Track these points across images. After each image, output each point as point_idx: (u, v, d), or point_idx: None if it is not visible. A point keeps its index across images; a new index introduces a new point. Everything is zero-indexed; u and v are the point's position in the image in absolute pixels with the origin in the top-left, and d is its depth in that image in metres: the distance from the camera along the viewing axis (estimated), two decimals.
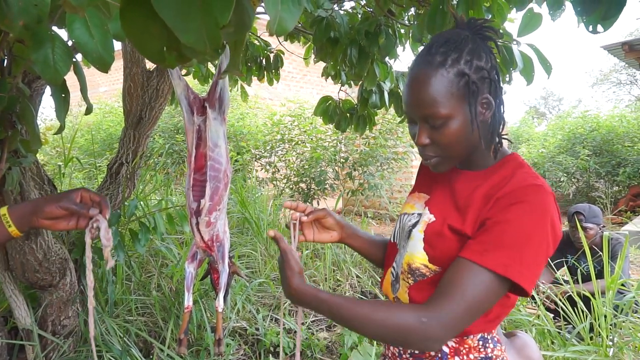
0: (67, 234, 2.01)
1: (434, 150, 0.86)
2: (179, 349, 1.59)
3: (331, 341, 2.72)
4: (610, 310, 2.01)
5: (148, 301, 2.40)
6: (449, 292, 0.77)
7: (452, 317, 0.75)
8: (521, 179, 0.82)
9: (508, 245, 0.76)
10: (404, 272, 0.92)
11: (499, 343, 0.89)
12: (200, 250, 1.66)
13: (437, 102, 0.81)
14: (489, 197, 0.82)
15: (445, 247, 0.85)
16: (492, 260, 0.76)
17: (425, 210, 0.92)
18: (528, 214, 0.77)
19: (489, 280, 0.76)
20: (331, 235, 1.07)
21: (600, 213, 2.68)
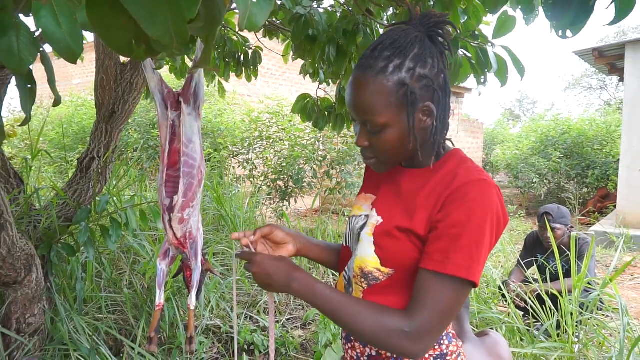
0: (34, 229, 1.95)
1: (371, 153, 0.87)
2: (150, 347, 1.56)
3: (306, 339, 2.72)
4: (577, 308, 2.07)
5: (119, 299, 2.35)
6: (423, 305, 0.79)
7: (428, 329, 0.79)
8: (464, 176, 0.82)
9: (464, 248, 0.78)
10: (357, 276, 0.91)
11: (454, 338, 0.91)
12: (173, 247, 1.63)
13: (375, 110, 0.81)
14: (436, 197, 0.83)
15: (396, 248, 0.86)
16: (454, 268, 0.78)
17: (373, 211, 0.92)
18: (475, 211, 0.78)
19: (455, 286, 0.79)
20: (287, 249, 1.01)
21: (569, 214, 2.76)
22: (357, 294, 0.92)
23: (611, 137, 8.85)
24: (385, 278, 0.87)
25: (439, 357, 0.87)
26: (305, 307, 3.12)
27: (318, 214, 6.23)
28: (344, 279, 0.97)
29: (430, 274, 0.79)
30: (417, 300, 0.80)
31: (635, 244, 5.63)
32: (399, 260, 0.85)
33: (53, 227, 1.94)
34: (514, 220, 7.11)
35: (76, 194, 2.09)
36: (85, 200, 2.11)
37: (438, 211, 0.81)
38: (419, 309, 0.79)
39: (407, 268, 0.85)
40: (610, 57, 7.22)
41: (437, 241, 0.80)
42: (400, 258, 0.85)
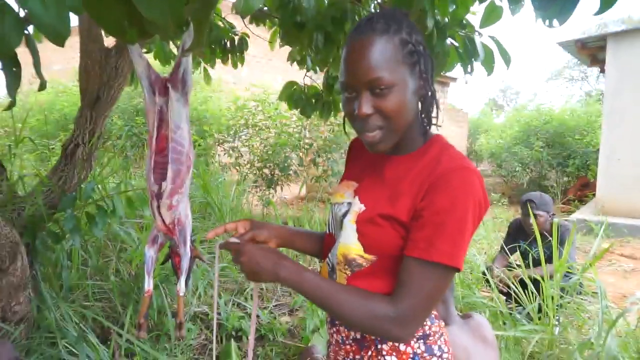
0: (18, 217, 1.92)
1: (377, 121, 0.84)
2: (139, 333, 1.57)
3: (293, 325, 2.75)
4: (557, 292, 2.14)
5: (106, 286, 2.34)
6: (408, 291, 0.81)
7: (413, 315, 0.82)
8: (447, 163, 0.83)
9: (448, 235, 0.80)
10: (340, 263, 0.92)
11: (436, 319, 0.93)
12: (161, 233, 1.63)
13: (383, 67, 0.81)
14: (419, 183, 0.84)
15: (379, 235, 0.87)
16: (439, 255, 0.79)
17: (355, 199, 0.92)
18: (458, 198, 0.80)
19: (440, 272, 0.81)
20: (269, 243, 1.02)
21: (551, 201, 2.82)
22: (340, 280, 0.93)
23: (591, 127, 9.03)
24: (369, 264, 0.88)
25: (421, 338, 0.89)
26: (292, 294, 3.15)
27: (304, 201, 6.24)
28: (328, 266, 0.98)
29: (415, 261, 0.81)
30: (402, 286, 0.82)
31: (613, 231, 5.79)
32: (382, 247, 0.87)
33: (38, 215, 1.91)
34: (497, 208, 7.23)
35: (61, 180, 2.06)
36: (70, 187, 2.08)
37: (421, 198, 0.82)
38: (405, 295, 0.81)
39: (389, 254, 0.87)
40: (592, 49, 7.34)
41: (421, 229, 0.81)
42: (383, 245, 0.87)
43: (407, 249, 0.83)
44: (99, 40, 2.01)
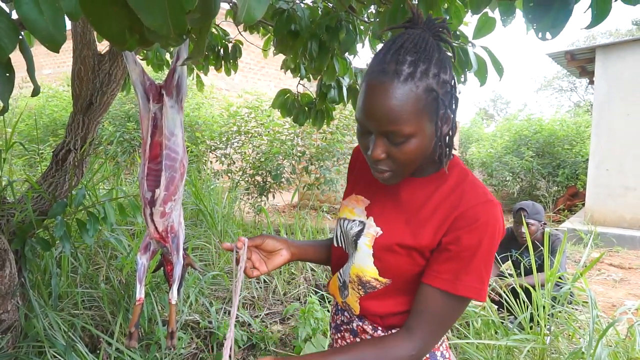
0: (7, 223, 1.89)
1: (389, 165, 0.80)
2: (130, 342, 1.55)
3: (285, 334, 2.73)
4: (549, 301, 2.15)
5: (96, 294, 2.31)
6: (428, 322, 0.82)
7: (431, 344, 0.84)
8: (472, 198, 0.82)
9: (473, 270, 0.80)
10: (353, 282, 0.92)
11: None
12: (154, 241, 1.61)
13: (403, 119, 0.74)
14: (442, 217, 0.82)
15: (396, 262, 0.86)
16: (464, 289, 0.80)
17: (370, 220, 0.91)
18: (485, 235, 0.79)
19: (461, 304, 0.83)
20: (281, 255, 0.99)
21: (542, 210, 2.85)
22: (353, 298, 0.93)
23: (580, 137, 9.15)
24: (382, 287, 0.89)
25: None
26: (284, 302, 3.13)
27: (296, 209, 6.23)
28: (339, 281, 0.98)
29: (438, 292, 0.81)
30: (419, 316, 0.82)
31: (602, 240, 5.85)
32: (398, 272, 0.87)
33: (27, 221, 1.89)
34: None
35: (51, 187, 2.03)
36: (61, 193, 2.06)
37: (446, 232, 0.81)
38: (423, 326, 0.82)
39: (404, 278, 0.87)
40: (582, 60, 7.45)
41: (447, 262, 0.81)
42: (399, 271, 0.87)
43: (429, 278, 0.82)
44: (93, 45, 2.00)
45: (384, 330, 0.92)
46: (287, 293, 3.25)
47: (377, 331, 0.92)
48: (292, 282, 3.39)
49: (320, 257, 1.08)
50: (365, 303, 0.91)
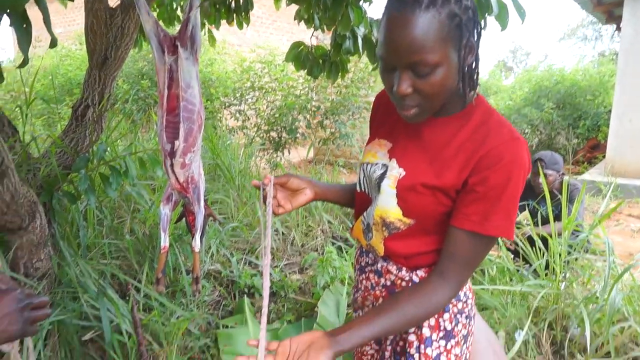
0: (34, 177, 1.95)
1: (415, 100, 0.79)
2: (157, 287, 1.62)
3: (304, 282, 2.82)
4: (565, 248, 2.16)
5: (121, 245, 2.40)
6: (459, 264, 0.84)
7: (462, 283, 0.86)
8: (498, 134, 0.81)
9: (501, 209, 0.80)
10: (377, 224, 0.94)
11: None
12: (176, 192, 1.66)
13: (427, 47, 0.72)
14: (467, 156, 0.82)
15: (419, 202, 0.87)
16: (493, 228, 0.81)
17: (392, 162, 0.90)
18: (512, 173, 0.79)
19: (490, 243, 0.84)
20: (305, 194, 1.01)
21: (561, 160, 2.81)
22: (377, 240, 0.95)
23: (604, 87, 8.83)
24: (406, 227, 0.90)
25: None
26: (302, 254, 3.21)
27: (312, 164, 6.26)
28: (362, 224, 1.00)
29: (467, 233, 0.82)
30: (451, 259, 0.84)
31: (622, 192, 5.77)
32: (422, 212, 0.88)
33: (53, 175, 1.94)
34: None
35: (73, 142, 2.08)
36: (83, 148, 2.10)
37: (471, 172, 0.81)
38: (454, 268, 0.84)
39: (428, 218, 0.88)
40: (609, 4, 7.08)
41: (474, 203, 0.81)
42: (423, 211, 0.87)
43: (457, 221, 0.83)
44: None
45: (408, 270, 0.94)
46: (305, 244, 3.33)
47: (401, 271, 0.94)
48: (310, 234, 3.46)
49: (342, 199, 1.10)
50: (389, 244, 0.93)
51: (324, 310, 2.37)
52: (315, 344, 0.75)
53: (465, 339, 0.96)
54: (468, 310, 0.96)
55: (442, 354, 0.92)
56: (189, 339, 2.13)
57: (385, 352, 0.99)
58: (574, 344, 2.15)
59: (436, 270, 0.86)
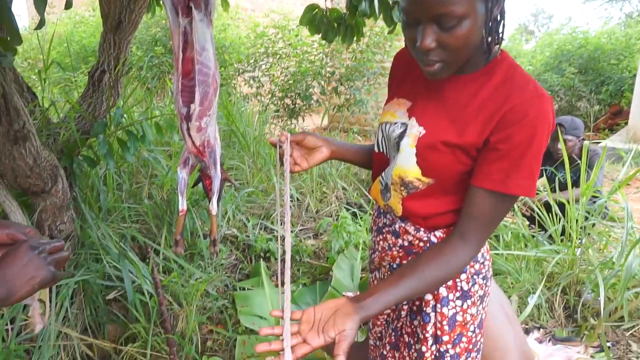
0: (54, 142, 1.99)
1: (439, 55, 0.77)
2: (176, 249, 1.66)
3: (318, 247, 2.86)
4: (582, 213, 2.14)
5: (141, 209, 2.46)
6: (480, 224, 0.83)
7: (484, 243, 0.86)
8: (522, 90, 0.79)
9: (524, 167, 0.79)
10: (395, 184, 0.93)
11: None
12: (192, 155, 1.67)
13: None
14: (490, 112, 0.80)
15: (439, 161, 0.85)
16: (515, 187, 0.80)
17: (412, 121, 0.89)
18: (536, 130, 0.77)
19: (511, 202, 0.84)
20: (321, 152, 1.01)
21: (582, 125, 2.74)
22: (395, 200, 0.95)
23: (629, 50, 8.50)
24: (425, 187, 0.89)
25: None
26: (316, 220, 3.25)
27: (326, 131, 6.23)
28: (380, 185, 0.99)
29: (488, 192, 0.81)
30: (472, 219, 0.83)
31: None
32: (441, 171, 0.87)
33: (72, 140, 1.98)
34: None
35: (90, 107, 2.10)
36: (100, 113, 2.12)
37: (494, 130, 0.79)
38: (475, 228, 0.83)
39: (447, 178, 0.87)
40: None
41: (497, 162, 0.80)
42: (442, 170, 0.86)
43: (479, 180, 0.82)
44: None
45: (426, 231, 0.94)
46: (320, 211, 3.36)
47: (419, 232, 0.95)
48: (324, 200, 3.48)
49: (359, 159, 1.10)
50: (408, 204, 0.93)
51: (339, 274, 2.42)
52: (341, 310, 0.75)
53: (481, 300, 0.97)
54: (485, 272, 0.97)
55: (458, 314, 0.94)
56: (208, 300, 2.20)
57: (402, 312, 1.01)
58: (587, 308, 2.17)
59: (456, 231, 0.85)
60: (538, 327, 2.07)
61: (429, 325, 0.94)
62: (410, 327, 0.99)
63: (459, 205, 0.89)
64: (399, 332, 1.02)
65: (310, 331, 0.73)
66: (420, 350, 0.95)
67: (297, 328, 0.75)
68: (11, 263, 0.76)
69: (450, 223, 0.92)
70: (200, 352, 1.93)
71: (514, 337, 1.38)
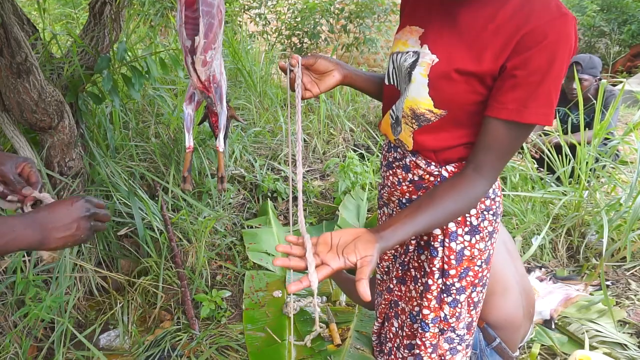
0: (58, 78, 1.96)
1: None
2: (184, 185, 1.68)
3: (325, 188, 2.88)
4: (594, 154, 2.11)
5: (148, 148, 2.46)
6: (495, 156, 0.81)
7: (499, 174, 0.85)
8: (543, 10, 0.74)
9: (542, 93, 0.75)
10: (406, 117, 0.90)
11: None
12: (198, 91, 1.64)
13: None
14: (507, 36, 0.75)
15: (453, 90, 0.82)
16: (532, 115, 0.76)
17: (424, 49, 0.84)
18: (557, 54, 0.73)
19: (528, 131, 0.81)
20: (333, 76, 0.97)
21: (600, 64, 2.63)
22: (406, 133, 0.92)
23: None
24: (437, 119, 0.86)
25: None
26: (323, 161, 3.24)
27: None
28: (391, 118, 0.96)
29: (504, 123, 0.78)
30: (487, 151, 0.81)
31: None
32: (454, 102, 0.83)
33: (76, 75, 1.94)
34: None
35: (93, 41, 2.04)
36: (103, 48, 2.07)
37: (510, 55, 0.75)
38: (490, 160, 0.82)
39: (460, 108, 0.84)
40: None
41: (513, 90, 0.76)
42: (455, 100, 0.83)
43: (494, 110, 0.79)
44: None
45: (437, 165, 0.92)
46: (327, 152, 3.35)
47: (430, 166, 0.93)
48: (331, 142, 3.46)
49: (370, 87, 1.06)
50: (419, 137, 0.91)
51: (345, 214, 2.45)
52: (362, 237, 0.73)
53: (490, 236, 0.97)
54: (495, 208, 0.96)
55: (466, 248, 0.94)
56: (216, 237, 2.25)
57: (409, 246, 1.01)
58: (590, 249, 2.19)
59: (470, 164, 0.84)
60: (540, 266, 2.11)
61: (437, 259, 0.95)
62: (418, 261, 1.00)
63: (472, 138, 0.86)
64: (406, 266, 1.03)
65: (329, 253, 0.72)
66: (426, 283, 0.96)
67: (314, 249, 0.73)
68: (60, 213, 0.75)
69: (462, 157, 0.91)
70: (209, 286, 2.01)
71: (514, 272, 1.40)
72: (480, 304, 1.03)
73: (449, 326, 0.98)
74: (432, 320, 0.97)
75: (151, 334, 1.75)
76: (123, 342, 1.70)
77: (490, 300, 1.22)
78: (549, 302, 1.84)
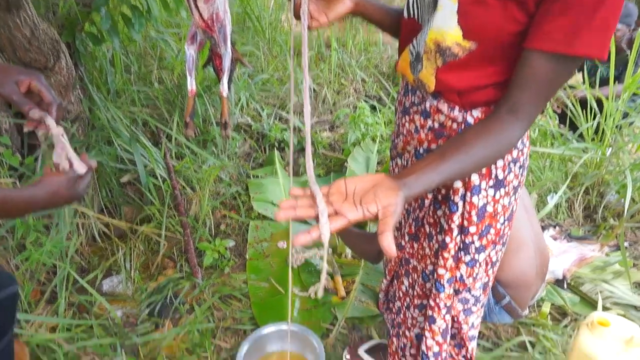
0: (54, 15, 1.85)
1: None
2: (187, 131, 1.60)
3: (334, 139, 2.79)
4: (622, 109, 1.98)
5: (151, 93, 2.37)
6: (534, 96, 0.70)
7: (536, 117, 0.74)
8: None
9: (598, 20, 0.62)
10: (429, 52, 0.78)
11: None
12: (200, 30, 1.53)
13: None
14: None
15: (486, 18, 0.69)
16: (583, 46, 0.64)
17: None
18: None
19: (573, 67, 0.70)
20: (343, 3, 0.87)
21: (635, 12, 2.43)
22: (428, 72, 0.81)
23: None
24: (465, 54, 0.74)
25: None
26: (333, 112, 3.13)
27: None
28: (410, 55, 0.85)
29: (547, 56, 0.66)
30: (524, 91, 0.70)
31: None
32: (487, 32, 0.71)
33: (73, 13, 1.83)
34: None
35: None
36: None
37: None
38: (528, 101, 0.70)
39: (493, 40, 0.72)
40: None
41: (562, 15, 0.63)
42: (488, 30, 0.71)
43: (535, 40, 0.66)
44: None
45: (462, 109, 0.82)
46: (337, 103, 3.22)
47: (454, 111, 0.82)
48: (342, 92, 3.33)
49: (385, 20, 0.95)
50: (442, 76, 0.79)
51: (354, 166, 2.37)
52: (382, 184, 0.62)
53: (515, 190, 0.88)
54: (523, 160, 0.86)
55: (489, 204, 0.86)
56: (221, 186, 2.20)
57: (425, 200, 0.92)
58: (608, 209, 2.11)
59: (504, 104, 0.72)
60: (554, 225, 2.04)
61: (456, 215, 0.87)
62: (433, 217, 0.92)
63: (502, 77, 0.76)
64: (420, 222, 0.95)
65: (345, 202, 0.61)
66: (443, 241, 0.89)
67: (326, 199, 0.62)
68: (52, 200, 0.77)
69: (490, 100, 0.80)
70: (213, 235, 1.97)
71: (530, 230, 1.34)
72: (497, 263, 0.97)
73: (465, 287, 0.92)
74: (447, 280, 0.91)
75: (154, 281, 1.73)
76: (126, 288, 1.69)
77: (502, 258, 1.16)
78: (562, 261, 1.78)
